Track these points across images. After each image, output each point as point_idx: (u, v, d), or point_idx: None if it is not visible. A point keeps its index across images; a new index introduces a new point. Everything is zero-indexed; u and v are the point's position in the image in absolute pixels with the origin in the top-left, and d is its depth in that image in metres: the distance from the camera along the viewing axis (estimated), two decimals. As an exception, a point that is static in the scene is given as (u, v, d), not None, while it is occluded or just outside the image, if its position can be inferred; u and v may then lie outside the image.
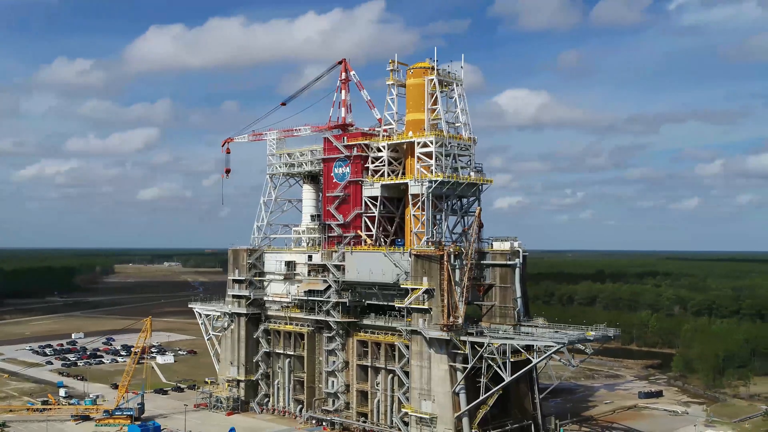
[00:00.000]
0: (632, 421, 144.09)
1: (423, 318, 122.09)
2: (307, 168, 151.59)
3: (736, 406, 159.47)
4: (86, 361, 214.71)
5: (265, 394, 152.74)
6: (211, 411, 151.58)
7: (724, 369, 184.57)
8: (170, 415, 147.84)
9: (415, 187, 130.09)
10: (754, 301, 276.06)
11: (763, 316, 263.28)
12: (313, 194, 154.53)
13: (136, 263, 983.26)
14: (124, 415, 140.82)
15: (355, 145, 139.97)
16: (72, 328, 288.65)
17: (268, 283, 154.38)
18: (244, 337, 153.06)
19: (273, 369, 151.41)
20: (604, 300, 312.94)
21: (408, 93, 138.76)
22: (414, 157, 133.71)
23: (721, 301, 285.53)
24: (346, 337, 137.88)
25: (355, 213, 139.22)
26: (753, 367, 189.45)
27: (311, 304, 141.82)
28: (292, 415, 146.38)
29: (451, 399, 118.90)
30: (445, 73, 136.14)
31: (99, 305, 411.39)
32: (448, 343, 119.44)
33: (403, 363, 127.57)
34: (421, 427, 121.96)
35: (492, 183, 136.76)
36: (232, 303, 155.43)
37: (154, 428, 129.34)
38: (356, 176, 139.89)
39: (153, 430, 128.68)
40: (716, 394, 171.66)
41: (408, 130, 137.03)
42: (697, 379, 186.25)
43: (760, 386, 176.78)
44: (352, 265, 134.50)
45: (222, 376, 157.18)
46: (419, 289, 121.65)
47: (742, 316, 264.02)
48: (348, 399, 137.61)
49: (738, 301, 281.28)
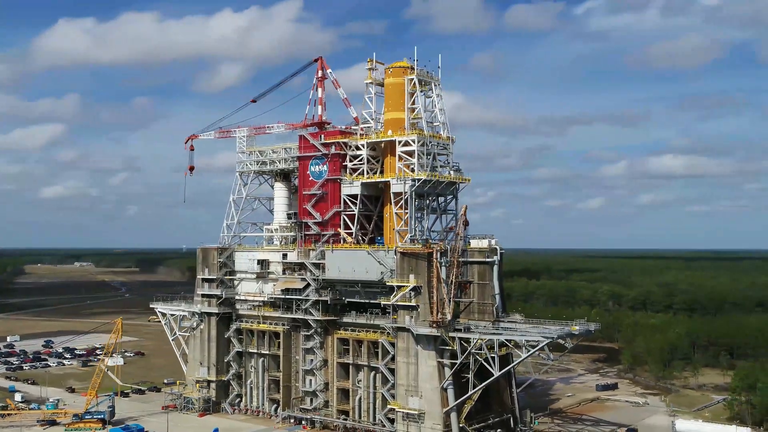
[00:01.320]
0: (600, 413, 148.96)
1: (410, 315, 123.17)
2: (281, 166, 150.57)
3: (690, 396, 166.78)
4: (31, 365, 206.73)
5: (237, 394, 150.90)
6: (181, 412, 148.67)
7: (670, 361, 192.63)
8: (140, 417, 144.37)
9: (397, 185, 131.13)
10: (686, 297, 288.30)
11: (694, 309, 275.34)
12: (285, 192, 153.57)
13: (46, 263, 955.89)
14: (95, 418, 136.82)
15: (333, 143, 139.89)
16: (1, 330, 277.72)
17: (239, 282, 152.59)
18: (215, 336, 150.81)
19: (245, 369, 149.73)
20: (542, 297, 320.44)
21: (387, 92, 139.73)
22: (393, 156, 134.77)
23: (654, 297, 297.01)
24: (325, 335, 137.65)
25: (333, 211, 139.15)
26: (696, 359, 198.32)
27: (288, 302, 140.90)
28: (267, 414, 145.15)
29: (439, 395, 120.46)
30: (423, 73, 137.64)
31: (23, 307, 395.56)
32: (436, 340, 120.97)
33: (387, 360, 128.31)
34: (408, 423, 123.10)
35: (470, 182, 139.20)
36: (201, 302, 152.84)
37: (137, 431, 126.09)
38: (334, 174, 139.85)
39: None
40: (667, 385, 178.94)
41: (387, 129, 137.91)
42: (645, 371, 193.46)
43: (706, 377, 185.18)
44: (333, 264, 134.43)
45: (191, 377, 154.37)
46: (406, 286, 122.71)
47: (676, 311, 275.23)
48: (327, 397, 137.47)
49: (670, 297, 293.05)
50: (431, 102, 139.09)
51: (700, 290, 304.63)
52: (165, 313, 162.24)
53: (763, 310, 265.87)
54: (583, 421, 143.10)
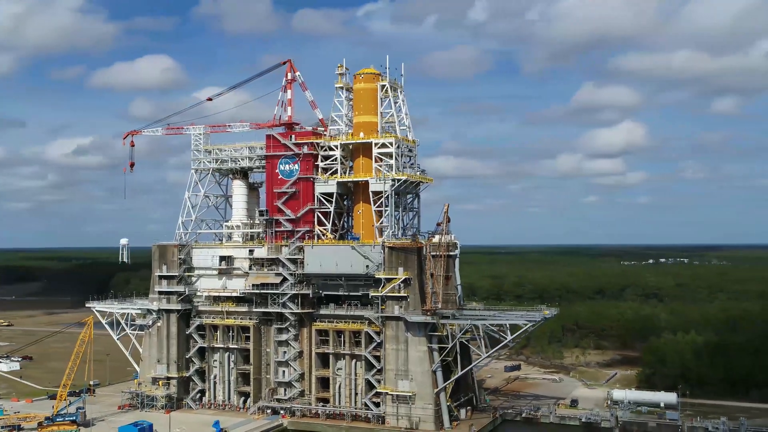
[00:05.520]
0: (533, 389, 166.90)
1: (399, 305, 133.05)
2: (243, 164, 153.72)
3: (588, 372, 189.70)
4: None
5: (199, 390, 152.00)
6: (142, 411, 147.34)
7: (549, 344, 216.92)
8: (106, 418, 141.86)
9: (377, 185, 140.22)
10: (535, 286, 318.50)
11: (544, 298, 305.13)
12: (245, 189, 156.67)
13: None
14: (67, 420, 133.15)
15: (306, 144, 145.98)
16: None
17: (197, 279, 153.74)
18: (176, 333, 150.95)
19: (209, 364, 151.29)
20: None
21: (357, 96, 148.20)
22: (365, 157, 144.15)
23: (507, 287, 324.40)
24: (300, 327, 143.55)
25: (307, 208, 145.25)
26: (567, 340, 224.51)
27: (262, 297, 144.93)
28: (236, 407, 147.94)
29: (430, 377, 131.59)
30: (392, 80, 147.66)
31: None
32: (426, 326, 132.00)
33: (371, 348, 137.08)
34: (397, 405, 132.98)
35: (432, 182, 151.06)
36: (159, 300, 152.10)
37: (147, 427, 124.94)
38: (306, 173, 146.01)
39: (148, 429, 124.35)
40: (563, 364, 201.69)
41: (358, 131, 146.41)
42: (533, 353, 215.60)
43: (589, 356, 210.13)
44: (314, 258, 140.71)
45: (147, 375, 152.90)
46: (397, 278, 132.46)
47: (526, 300, 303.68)
48: (303, 386, 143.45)
49: (521, 287, 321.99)
50: (398, 107, 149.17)
51: (545, 281, 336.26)
52: (110, 312, 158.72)
53: (604, 297, 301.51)
54: (524, 396, 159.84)
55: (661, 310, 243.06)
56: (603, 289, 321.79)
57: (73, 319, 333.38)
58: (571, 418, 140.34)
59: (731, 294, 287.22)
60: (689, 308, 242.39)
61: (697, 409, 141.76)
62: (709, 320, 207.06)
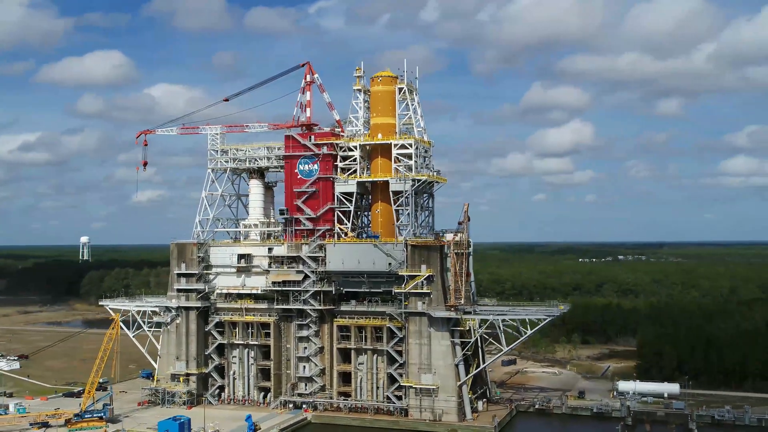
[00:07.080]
0: (537, 382, 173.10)
1: (422, 301, 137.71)
2: (261, 164, 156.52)
3: (583, 365, 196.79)
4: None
5: (218, 386, 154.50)
6: (164, 407, 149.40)
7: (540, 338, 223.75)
8: (130, 414, 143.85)
9: (397, 184, 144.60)
10: (513, 283, 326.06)
11: (521, 294, 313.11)
12: (261, 189, 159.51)
13: None
14: (96, 417, 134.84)
15: (325, 144, 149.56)
16: None
17: (215, 276, 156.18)
18: (195, 330, 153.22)
19: (228, 360, 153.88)
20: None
21: (374, 98, 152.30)
22: (384, 158, 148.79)
23: (486, 284, 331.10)
24: (320, 323, 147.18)
25: (327, 207, 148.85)
26: (555, 335, 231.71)
27: (283, 294, 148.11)
28: (256, 402, 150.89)
29: (453, 370, 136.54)
30: (408, 83, 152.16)
31: None
32: (449, 321, 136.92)
33: (393, 343, 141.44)
34: (421, 398, 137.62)
35: (446, 182, 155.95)
36: (177, 297, 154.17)
37: (186, 422, 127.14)
38: (326, 173, 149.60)
39: (186, 423, 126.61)
40: (555, 358, 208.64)
41: (376, 133, 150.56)
42: (526, 348, 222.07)
43: (579, 351, 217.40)
44: (336, 256, 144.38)
45: (166, 372, 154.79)
46: (421, 275, 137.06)
47: (508, 296, 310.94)
48: (324, 381, 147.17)
49: (499, 284, 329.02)
50: (414, 109, 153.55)
51: (522, 278, 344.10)
52: (127, 310, 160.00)
53: (581, 293, 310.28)
54: (530, 389, 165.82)
55: (643, 305, 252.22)
56: (579, 286, 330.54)
57: (51, 319, 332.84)
58: (582, 408, 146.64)
59: (704, 291, 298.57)
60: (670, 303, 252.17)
61: (698, 399, 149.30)
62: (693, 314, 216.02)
